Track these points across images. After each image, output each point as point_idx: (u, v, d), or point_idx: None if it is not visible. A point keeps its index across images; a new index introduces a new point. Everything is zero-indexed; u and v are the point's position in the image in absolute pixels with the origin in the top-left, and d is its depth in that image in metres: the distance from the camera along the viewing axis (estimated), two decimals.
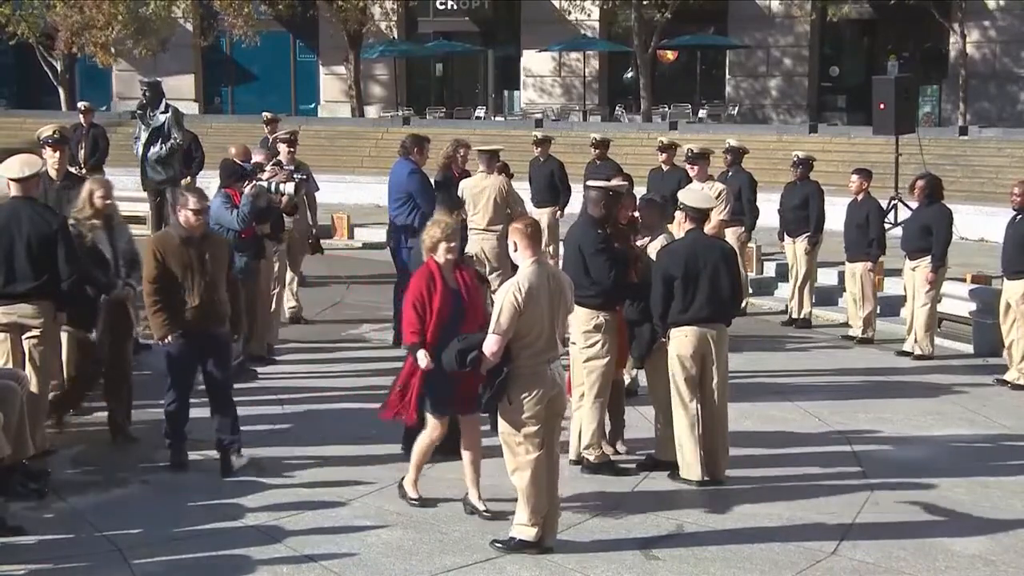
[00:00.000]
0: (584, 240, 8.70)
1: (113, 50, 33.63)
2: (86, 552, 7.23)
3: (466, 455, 7.85)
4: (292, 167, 12.68)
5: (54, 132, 10.04)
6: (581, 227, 8.91)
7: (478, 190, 12.57)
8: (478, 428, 7.88)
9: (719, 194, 12.67)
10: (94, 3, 32.28)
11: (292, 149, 13.47)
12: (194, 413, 8.67)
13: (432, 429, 7.86)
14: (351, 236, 20.38)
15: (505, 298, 7.13)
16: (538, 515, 7.23)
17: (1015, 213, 11.94)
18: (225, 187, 10.92)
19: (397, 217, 12.22)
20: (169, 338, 8.40)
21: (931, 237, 12.77)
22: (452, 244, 7.69)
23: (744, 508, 8.22)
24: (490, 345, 7.11)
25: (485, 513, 7.75)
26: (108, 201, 9.15)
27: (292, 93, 39.78)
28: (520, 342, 7.16)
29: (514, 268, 7.67)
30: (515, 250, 7.36)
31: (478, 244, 12.10)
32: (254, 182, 10.90)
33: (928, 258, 12.76)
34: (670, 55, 38.19)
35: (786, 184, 15.09)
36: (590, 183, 9.23)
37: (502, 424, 7.26)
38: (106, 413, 9.34)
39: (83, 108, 20.26)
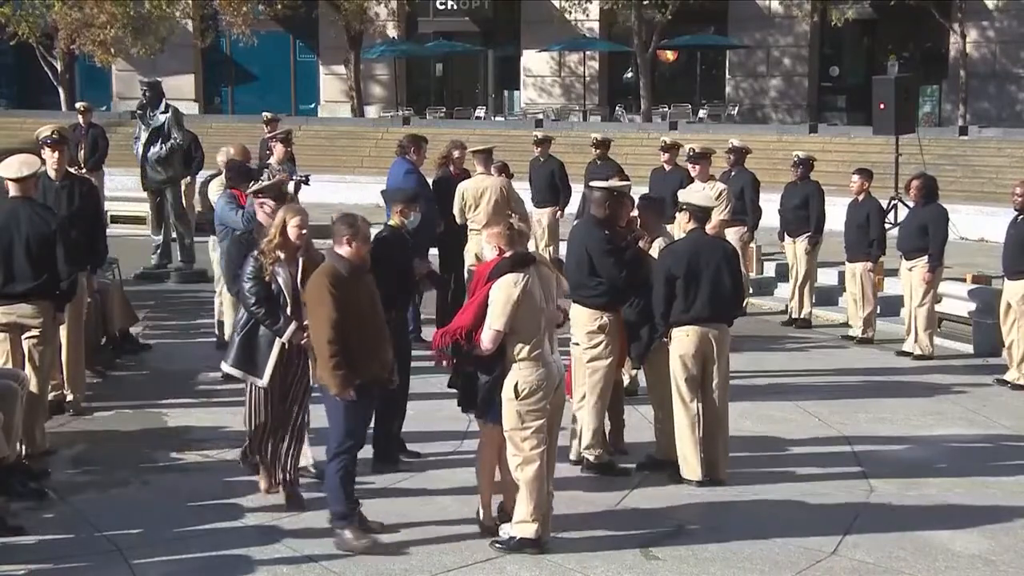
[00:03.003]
0: (590, 241, 8.65)
1: (112, 49, 33.61)
2: (86, 552, 7.22)
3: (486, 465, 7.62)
4: (281, 167, 12.70)
5: (53, 132, 10.00)
6: (585, 228, 8.87)
7: (479, 191, 12.56)
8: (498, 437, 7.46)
9: (720, 194, 12.66)
10: (93, 2, 32.28)
11: (288, 148, 13.49)
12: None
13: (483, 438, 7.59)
14: None
15: (502, 293, 7.14)
16: (539, 511, 7.22)
17: (1016, 213, 11.93)
18: (230, 187, 10.91)
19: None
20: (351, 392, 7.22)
21: (928, 237, 12.77)
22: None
23: (744, 508, 8.22)
24: (485, 341, 7.13)
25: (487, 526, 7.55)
26: (304, 232, 7.76)
27: (292, 93, 39.78)
28: (523, 334, 7.15)
29: None
30: (497, 252, 7.36)
31: (478, 244, 12.08)
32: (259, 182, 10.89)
33: (925, 258, 12.76)
34: (670, 55, 38.21)
35: (786, 184, 15.08)
36: (593, 184, 9.21)
37: (508, 419, 7.22)
38: (108, 413, 9.32)
39: (81, 108, 20.24)
